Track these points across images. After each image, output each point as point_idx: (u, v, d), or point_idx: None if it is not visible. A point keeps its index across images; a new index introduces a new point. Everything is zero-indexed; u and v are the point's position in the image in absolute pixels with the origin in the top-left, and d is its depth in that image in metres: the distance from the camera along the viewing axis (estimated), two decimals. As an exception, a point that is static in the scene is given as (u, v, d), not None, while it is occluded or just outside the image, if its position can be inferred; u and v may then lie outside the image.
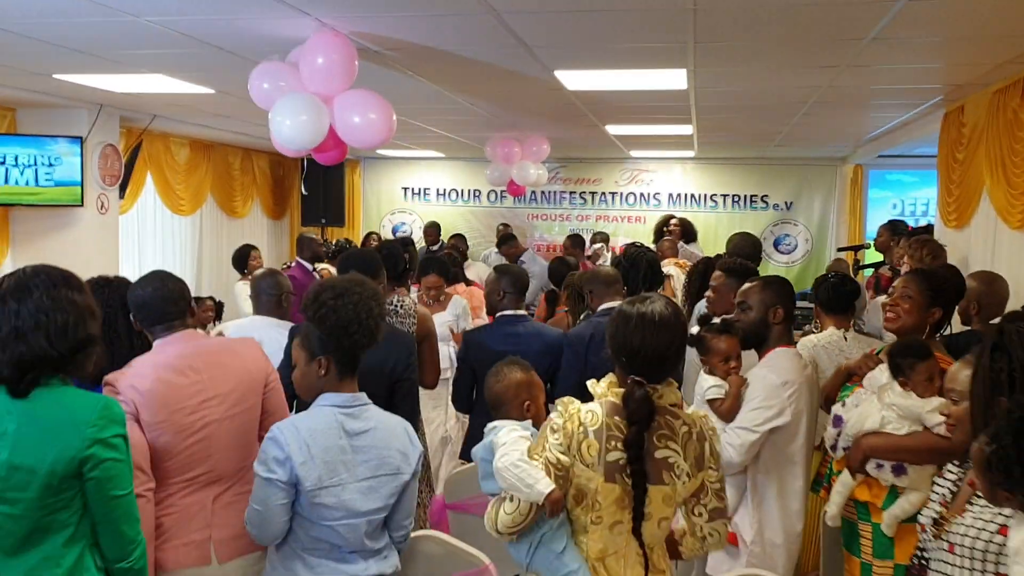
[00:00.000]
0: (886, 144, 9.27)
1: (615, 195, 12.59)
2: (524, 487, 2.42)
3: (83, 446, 2.33)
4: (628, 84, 5.95)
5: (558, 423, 2.48)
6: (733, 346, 3.46)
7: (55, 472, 2.30)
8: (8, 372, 2.32)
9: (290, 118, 4.45)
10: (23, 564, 2.33)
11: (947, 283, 3.56)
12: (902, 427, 3.15)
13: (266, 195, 12.12)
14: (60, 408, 2.36)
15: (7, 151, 7.15)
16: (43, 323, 2.34)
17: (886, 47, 4.68)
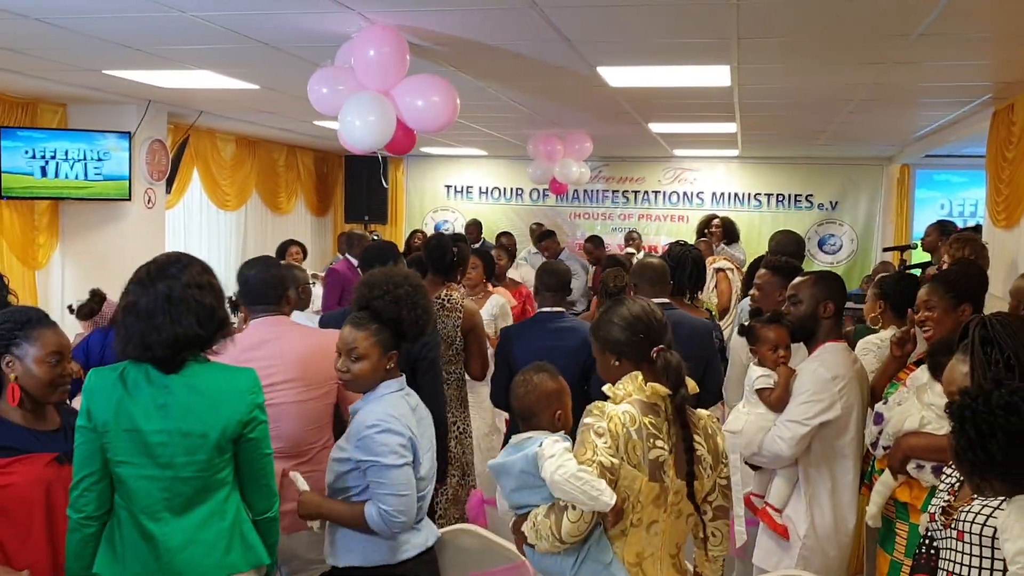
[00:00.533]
0: (934, 143, 9.13)
1: (658, 194, 12.54)
2: (588, 498, 2.37)
3: (247, 410, 2.59)
4: (671, 81, 5.92)
5: (602, 427, 2.44)
6: (782, 336, 3.46)
7: (225, 435, 2.55)
8: (162, 353, 2.51)
9: (359, 119, 4.50)
10: (191, 521, 2.54)
11: (964, 278, 3.52)
12: (942, 427, 3.06)
13: (310, 191, 12.24)
14: (221, 379, 2.59)
15: (57, 146, 7.29)
16: (193, 307, 2.53)
17: (934, 43, 4.61)
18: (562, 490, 2.39)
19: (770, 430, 3.35)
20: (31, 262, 7.47)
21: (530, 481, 2.52)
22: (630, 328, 2.63)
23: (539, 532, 2.48)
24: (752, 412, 3.46)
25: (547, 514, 2.48)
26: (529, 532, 2.52)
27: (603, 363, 2.69)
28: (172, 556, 2.51)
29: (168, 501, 2.53)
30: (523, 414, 2.71)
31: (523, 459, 2.53)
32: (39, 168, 7.18)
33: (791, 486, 3.42)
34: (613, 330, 2.64)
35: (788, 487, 3.42)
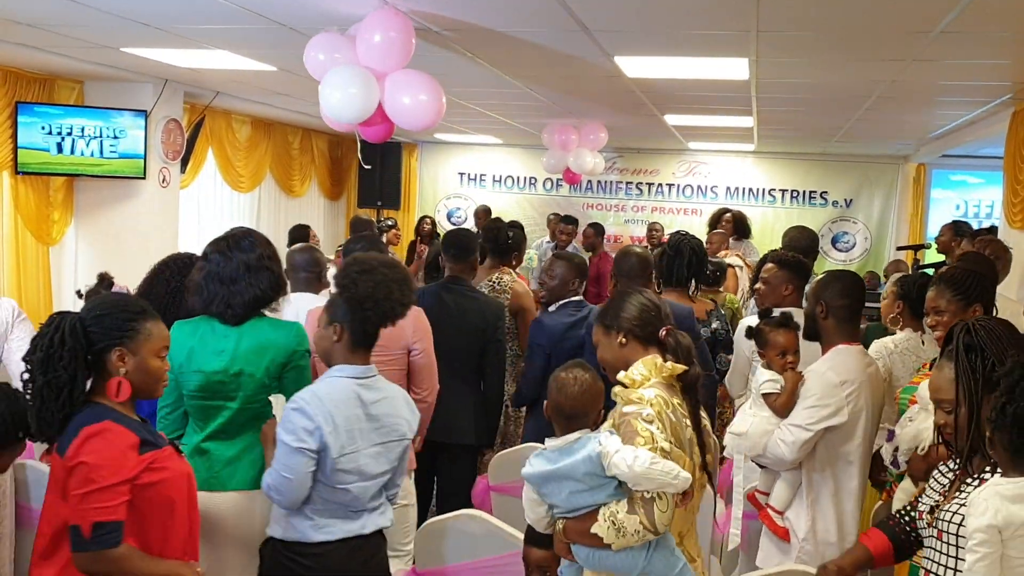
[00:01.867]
0: (951, 143, 9.08)
1: (672, 186, 12.51)
2: (672, 480, 2.37)
3: (286, 356, 3.13)
4: (688, 72, 5.90)
5: (650, 413, 2.46)
6: (791, 341, 3.39)
7: (268, 374, 3.09)
8: (242, 311, 3.11)
9: (340, 90, 4.43)
10: (240, 443, 3.11)
11: (971, 278, 3.41)
12: None
13: (324, 175, 12.25)
14: (271, 331, 3.16)
15: (74, 122, 7.31)
16: (265, 274, 3.15)
17: (954, 41, 4.58)
18: (648, 479, 2.36)
19: (774, 433, 3.33)
20: (45, 238, 7.51)
21: (595, 482, 2.46)
22: (642, 308, 2.73)
23: (623, 530, 2.42)
24: (757, 414, 3.42)
25: (631, 510, 2.42)
26: (607, 532, 2.43)
27: (608, 344, 2.74)
28: (221, 468, 3.04)
29: (224, 426, 3.10)
30: (573, 413, 2.54)
31: (586, 461, 2.44)
32: (55, 144, 7.21)
33: (794, 489, 3.39)
34: (625, 310, 2.72)
35: (791, 490, 3.38)
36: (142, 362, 2.50)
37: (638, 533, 2.40)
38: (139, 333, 2.49)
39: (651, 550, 2.48)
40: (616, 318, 2.73)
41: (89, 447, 2.34)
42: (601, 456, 2.41)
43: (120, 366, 2.46)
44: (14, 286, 7.29)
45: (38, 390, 2.38)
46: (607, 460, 2.40)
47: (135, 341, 2.48)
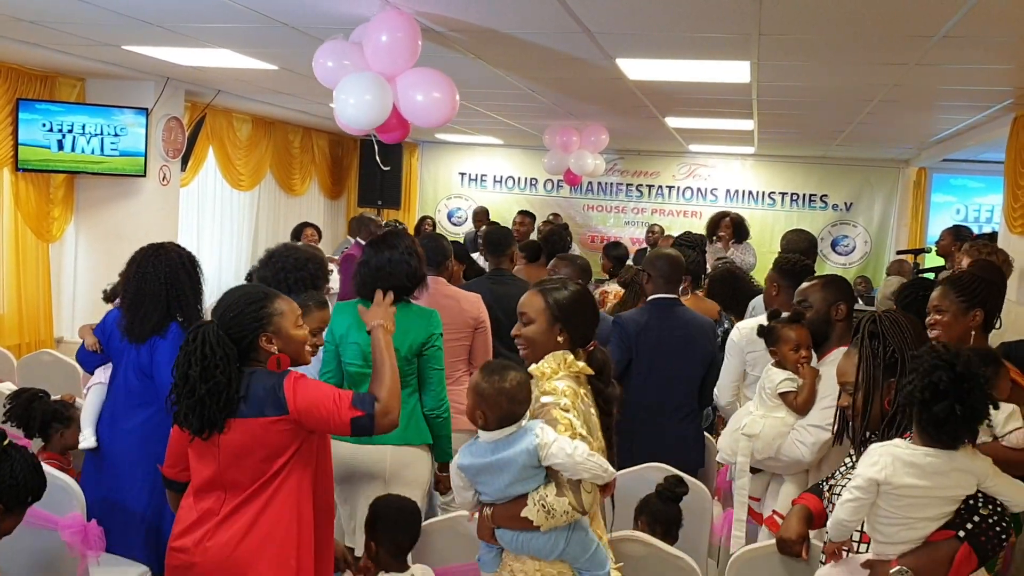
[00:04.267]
0: (952, 147, 9.08)
1: (672, 189, 12.53)
2: (602, 472, 2.57)
3: (425, 337, 3.71)
4: (690, 75, 5.90)
5: (566, 402, 2.66)
6: (804, 336, 3.41)
7: (411, 350, 3.67)
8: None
9: (354, 97, 4.47)
10: None
11: (976, 282, 3.40)
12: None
13: (324, 174, 12.24)
14: (413, 316, 3.74)
15: (75, 119, 7.31)
16: (405, 268, 3.73)
17: (956, 46, 4.58)
18: (585, 469, 2.53)
19: (788, 434, 3.32)
20: (45, 235, 7.50)
21: (530, 473, 2.59)
22: (594, 319, 2.95)
23: (553, 512, 2.56)
24: (768, 415, 3.40)
25: (560, 493, 2.57)
26: (536, 515, 2.56)
27: (546, 330, 2.85)
28: None
29: None
30: (512, 414, 2.63)
31: (524, 453, 2.56)
32: (56, 141, 7.21)
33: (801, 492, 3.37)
34: (585, 315, 2.90)
35: (798, 492, 3.33)
36: (286, 336, 2.78)
37: (567, 514, 2.57)
38: (273, 315, 2.76)
39: (571, 531, 2.65)
40: (568, 320, 2.84)
41: (299, 392, 2.67)
42: (539, 447, 2.54)
43: (271, 348, 2.75)
44: (14, 283, 7.29)
45: (200, 398, 2.62)
46: (544, 451, 2.54)
47: (273, 323, 2.75)
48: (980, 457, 2.43)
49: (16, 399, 4.16)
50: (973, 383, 2.31)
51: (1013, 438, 2.98)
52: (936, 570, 2.36)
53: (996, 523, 2.37)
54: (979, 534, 2.35)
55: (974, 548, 2.34)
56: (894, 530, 2.41)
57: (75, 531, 3.33)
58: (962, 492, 2.39)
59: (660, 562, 3.03)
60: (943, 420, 2.32)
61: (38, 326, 7.54)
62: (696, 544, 3.70)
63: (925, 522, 2.38)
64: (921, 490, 2.35)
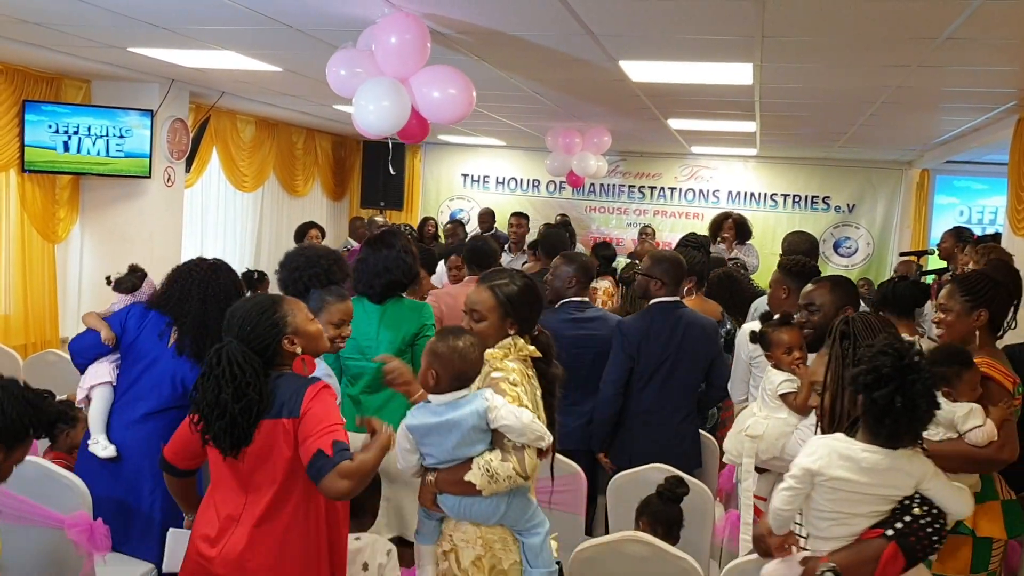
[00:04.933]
0: (955, 149, 9.09)
1: (674, 190, 12.53)
2: (545, 436, 2.76)
3: (416, 329, 4.04)
4: (693, 77, 5.91)
5: (514, 378, 2.85)
6: (795, 337, 3.43)
7: (404, 342, 3.99)
8: (380, 291, 4.05)
9: (373, 103, 4.51)
10: (384, 394, 3.91)
11: (984, 283, 3.41)
12: (936, 434, 3.07)
13: (327, 175, 12.27)
14: (408, 309, 4.10)
15: (80, 121, 7.34)
16: (401, 266, 4.06)
17: (960, 47, 4.59)
18: (528, 431, 2.71)
19: (792, 434, 3.32)
20: (51, 236, 7.53)
21: (477, 436, 2.74)
22: (539, 307, 3.12)
23: (496, 476, 2.70)
24: (772, 416, 3.41)
25: (504, 458, 2.72)
26: (480, 479, 2.70)
27: (499, 325, 3.01)
28: (371, 414, 3.17)
29: (372, 381, 3.93)
30: (465, 375, 2.79)
31: (474, 415, 2.70)
32: (62, 143, 7.24)
33: None
34: (532, 306, 3.08)
35: None
36: (305, 333, 2.82)
37: (510, 479, 2.70)
38: (287, 317, 2.78)
39: (512, 495, 2.78)
40: (518, 311, 3.02)
41: (319, 399, 2.68)
42: (488, 410, 2.69)
43: (294, 348, 2.78)
44: (20, 283, 7.31)
45: (233, 417, 2.61)
46: (494, 413, 2.69)
47: (289, 324, 2.78)
48: (921, 459, 2.43)
49: (22, 400, 4.17)
50: (918, 375, 2.30)
51: (973, 436, 3.03)
52: (863, 568, 2.36)
53: (928, 524, 2.36)
54: (909, 534, 2.34)
55: (901, 548, 2.33)
56: (826, 524, 2.43)
57: (81, 530, 3.34)
58: (898, 492, 2.40)
59: (662, 563, 3.04)
60: (883, 409, 2.32)
61: (44, 326, 7.56)
62: (698, 545, 3.72)
63: (858, 519, 2.39)
64: (854, 485, 2.37)
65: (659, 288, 4.53)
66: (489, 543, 2.82)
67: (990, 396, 3.14)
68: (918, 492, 2.40)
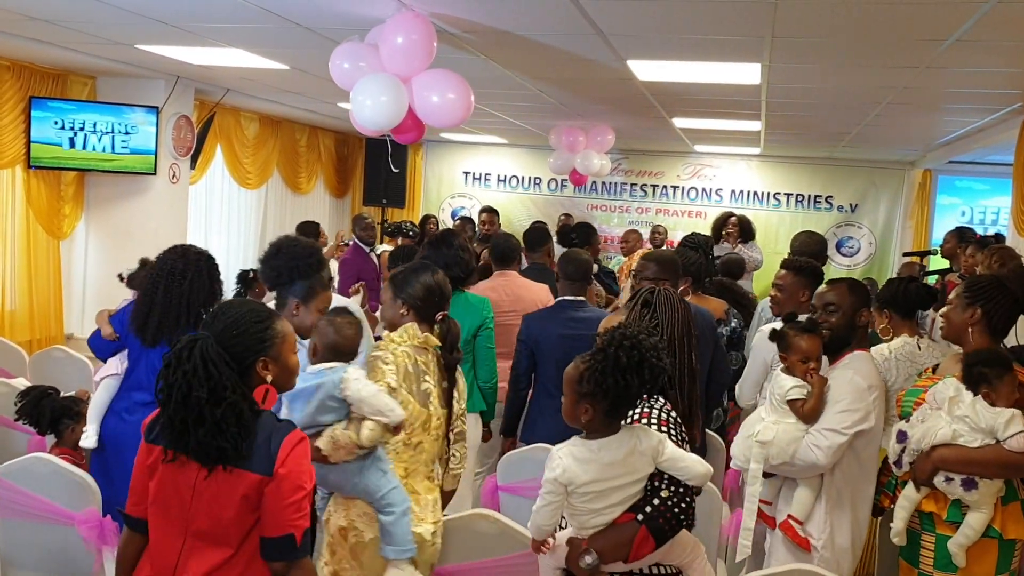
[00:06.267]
0: (959, 150, 9.10)
1: (676, 189, 12.52)
2: (387, 411, 2.90)
3: (480, 321, 4.39)
4: (701, 77, 5.92)
5: (389, 357, 3.10)
6: (815, 347, 3.35)
7: (469, 332, 4.29)
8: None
9: (371, 99, 4.51)
10: None
11: (983, 282, 3.43)
12: (975, 440, 3.06)
13: (330, 173, 12.28)
14: (470, 302, 4.42)
15: (86, 117, 7.34)
16: (458, 261, 4.39)
17: (968, 49, 4.60)
18: (369, 404, 2.89)
19: (803, 439, 3.30)
20: (56, 232, 7.54)
21: (332, 404, 2.94)
22: (428, 291, 3.32)
23: (338, 442, 2.91)
24: (781, 421, 3.36)
25: (347, 427, 2.93)
26: (326, 445, 2.91)
27: (392, 307, 3.32)
28: None
29: None
30: (341, 350, 3.05)
31: (332, 384, 2.90)
32: (67, 139, 7.25)
33: (815, 497, 3.37)
34: (413, 286, 3.31)
35: (812, 498, 3.36)
36: (283, 364, 2.44)
37: (347, 446, 2.90)
38: (275, 338, 2.41)
39: (363, 470, 2.99)
40: (403, 290, 3.31)
41: (294, 456, 2.33)
42: (342, 380, 2.90)
43: (266, 374, 2.39)
44: (24, 279, 7.32)
45: (215, 423, 2.25)
46: (345, 383, 2.89)
47: (275, 347, 2.41)
48: (647, 432, 2.52)
49: (26, 396, 4.20)
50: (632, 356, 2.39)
51: (1014, 442, 3.01)
52: (618, 551, 2.48)
53: (675, 505, 2.47)
54: (657, 516, 2.46)
55: (651, 530, 2.45)
56: (585, 518, 2.53)
57: (91, 526, 3.35)
58: (643, 473, 2.49)
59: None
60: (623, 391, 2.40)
61: (49, 322, 7.57)
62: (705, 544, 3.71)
63: (612, 507, 2.50)
64: (602, 483, 2.47)
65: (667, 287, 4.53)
66: (351, 516, 3.05)
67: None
68: (665, 473, 2.50)
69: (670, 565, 2.61)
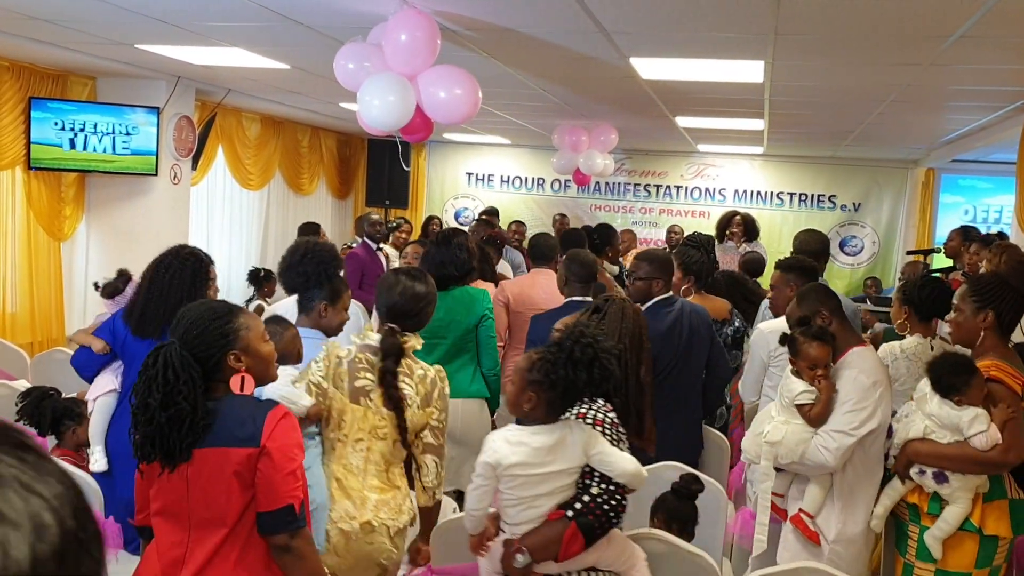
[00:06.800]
0: (962, 148, 9.07)
1: (680, 189, 12.51)
2: (291, 402, 2.88)
3: (483, 310, 4.63)
4: (703, 75, 5.90)
5: (320, 356, 3.18)
6: (823, 354, 3.35)
7: (471, 323, 4.58)
8: (444, 282, 4.37)
9: (378, 99, 4.50)
10: (455, 365, 4.43)
11: (991, 284, 3.44)
12: (944, 436, 3.20)
13: (332, 174, 12.27)
14: (469, 296, 4.66)
15: (87, 118, 7.33)
16: (456, 260, 4.63)
17: (972, 46, 4.58)
18: (272, 394, 2.79)
19: (812, 440, 3.30)
20: (57, 233, 7.52)
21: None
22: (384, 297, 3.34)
23: None
24: (791, 422, 3.38)
25: None
26: None
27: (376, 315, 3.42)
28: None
29: (444, 355, 4.41)
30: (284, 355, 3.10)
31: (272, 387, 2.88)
32: (68, 140, 7.22)
33: (826, 492, 3.38)
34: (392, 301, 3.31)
35: (824, 493, 3.38)
36: (255, 353, 2.53)
37: None
38: (239, 330, 2.49)
39: None
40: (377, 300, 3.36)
41: (281, 429, 2.42)
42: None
43: (239, 366, 2.49)
44: (25, 281, 7.31)
45: (159, 426, 2.34)
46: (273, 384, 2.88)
47: (240, 339, 2.49)
48: (581, 427, 2.56)
49: (27, 398, 4.18)
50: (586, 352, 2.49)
51: (977, 441, 3.13)
52: (548, 548, 2.50)
53: (605, 502, 2.50)
54: (587, 512, 2.48)
55: (580, 527, 2.47)
56: (516, 511, 2.57)
57: (93, 528, 3.33)
58: (572, 465, 2.53)
59: (679, 560, 3.04)
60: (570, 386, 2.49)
61: (50, 324, 7.55)
62: (711, 542, 3.70)
63: (542, 499, 2.53)
64: (529, 468, 2.51)
65: (661, 287, 4.51)
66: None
67: (993, 399, 3.22)
68: (597, 471, 2.53)
69: (608, 571, 2.62)
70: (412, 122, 4.69)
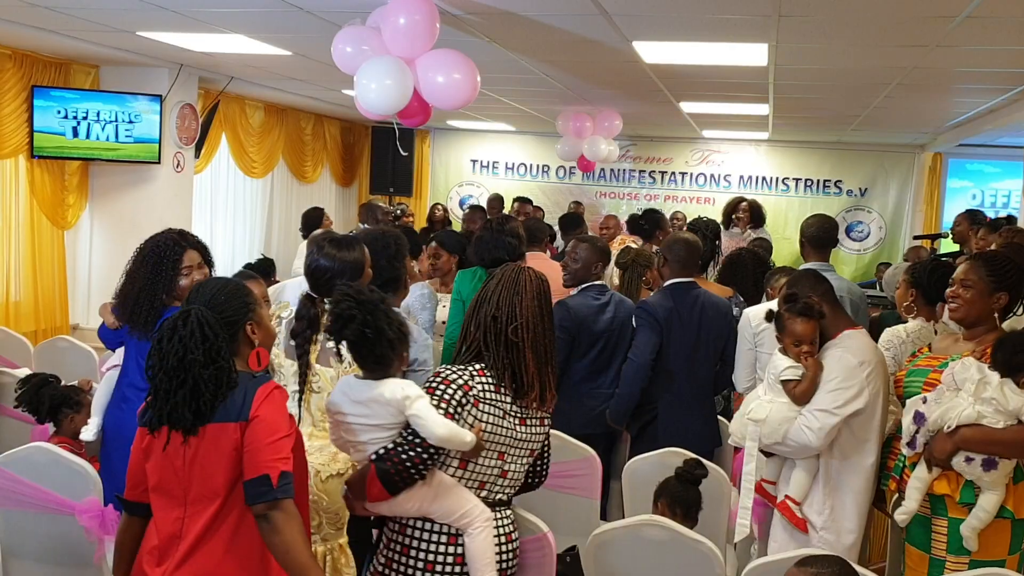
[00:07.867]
0: (969, 132, 9.00)
1: (685, 175, 12.46)
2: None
3: None
4: (707, 58, 5.85)
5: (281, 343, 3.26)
6: (809, 331, 3.32)
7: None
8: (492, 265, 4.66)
9: (375, 82, 4.48)
10: None
11: (1009, 264, 3.34)
12: (998, 421, 2.99)
13: (336, 162, 12.24)
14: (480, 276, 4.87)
15: (89, 106, 7.31)
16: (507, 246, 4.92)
17: (979, 26, 4.53)
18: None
19: (796, 420, 3.27)
20: (60, 221, 7.52)
21: None
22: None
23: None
24: (776, 400, 3.35)
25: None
26: None
27: None
28: None
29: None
30: None
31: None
32: (71, 128, 7.22)
33: (812, 477, 3.34)
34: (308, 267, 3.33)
35: (809, 479, 3.33)
36: (265, 326, 2.65)
37: None
38: (257, 304, 2.63)
39: None
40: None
41: (270, 401, 2.46)
42: None
43: (254, 337, 2.59)
44: (29, 269, 7.31)
45: (195, 384, 2.36)
46: None
47: (256, 312, 2.61)
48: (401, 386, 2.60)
49: (26, 384, 4.18)
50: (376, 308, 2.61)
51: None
52: (358, 488, 2.62)
53: (403, 452, 2.54)
54: (385, 459, 2.55)
55: (378, 472, 2.54)
56: (351, 453, 2.72)
57: (92, 516, 3.33)
58: (388, 421, 2.59)
59: (681, 547, 3.01)
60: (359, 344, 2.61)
61: (54, 313, 7.56)
62: (714, 529, 3.69)
63: (362, 445, 2.63)
64: (349, 416, 2.63)
65: (664, 265, 4.62)
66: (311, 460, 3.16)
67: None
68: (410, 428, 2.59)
69: (445, 525, 2.65)
70: (409, 106, 4.67)
